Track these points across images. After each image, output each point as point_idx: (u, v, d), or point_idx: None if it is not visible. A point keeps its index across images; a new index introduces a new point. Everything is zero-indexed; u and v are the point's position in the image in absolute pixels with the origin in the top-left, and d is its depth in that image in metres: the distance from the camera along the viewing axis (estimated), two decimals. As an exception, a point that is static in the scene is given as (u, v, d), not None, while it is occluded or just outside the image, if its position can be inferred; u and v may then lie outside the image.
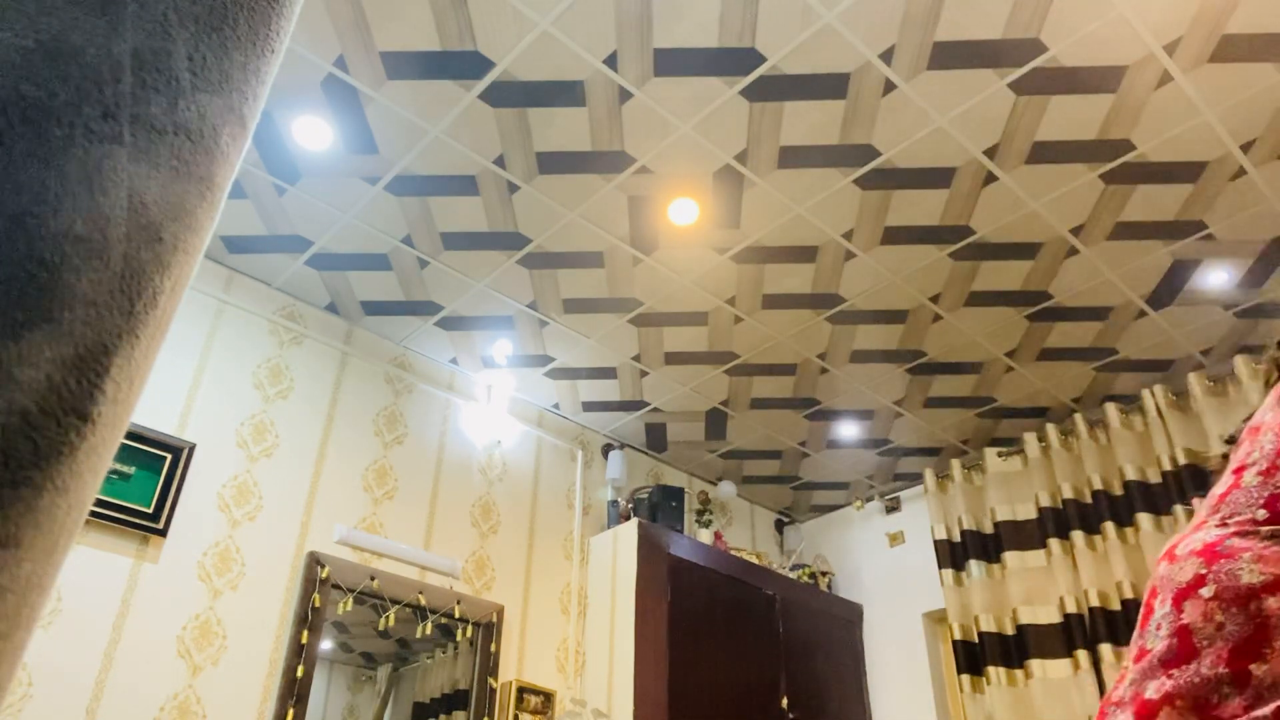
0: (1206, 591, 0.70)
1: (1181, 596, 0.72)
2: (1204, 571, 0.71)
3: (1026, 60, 2.62)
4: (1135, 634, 0.77)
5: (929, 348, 3.88)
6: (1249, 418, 0.87)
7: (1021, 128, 2.83)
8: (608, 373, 4.08)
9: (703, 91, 2.72)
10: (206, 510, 3.10)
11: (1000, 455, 4.44)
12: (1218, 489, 0.81)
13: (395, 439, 3.74)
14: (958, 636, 4.26)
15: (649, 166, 2.99)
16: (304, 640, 3.12)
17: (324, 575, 3.25)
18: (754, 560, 4.53)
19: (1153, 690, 0.69)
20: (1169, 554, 0.77)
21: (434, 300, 3.64)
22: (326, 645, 3.32)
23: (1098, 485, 4.06)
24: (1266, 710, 0.63)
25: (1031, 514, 4.28)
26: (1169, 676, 0.69)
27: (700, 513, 4.69)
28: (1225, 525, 0.75)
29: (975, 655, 4.21)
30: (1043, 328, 3.74)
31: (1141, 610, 0.77)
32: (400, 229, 3.27)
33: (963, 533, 4.43)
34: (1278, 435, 0.78)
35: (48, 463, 0.32)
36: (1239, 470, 0.79)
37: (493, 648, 3.62)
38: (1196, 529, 0.78)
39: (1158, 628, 0.73)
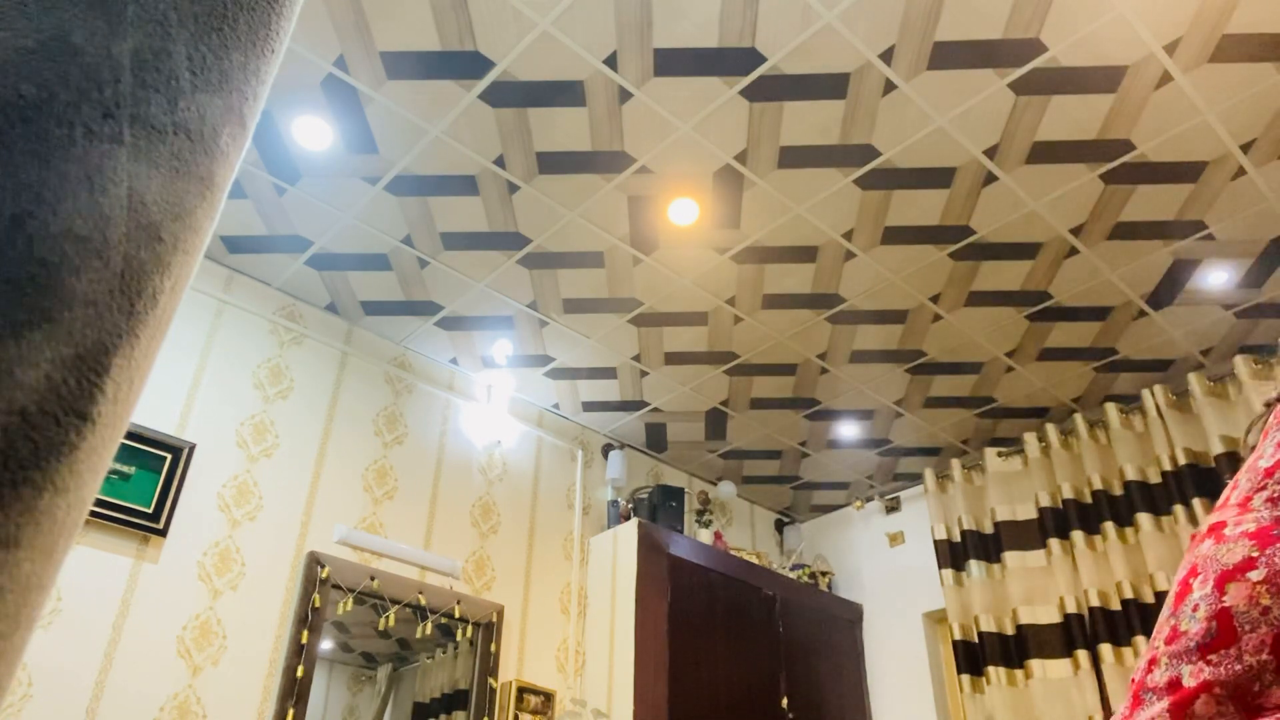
0: (1256, 575, 0.65)
1: (1226, 578, 0.67)
2: (1256, 555, 0.66)
3: (1026, 60, 2.62)
4: (1166, 613, 0.71)
5: (929, 348, 3.88)
6: None
7: (1021, 128, 2.83)
8: (608, 373, 4.08)
9: (703, 91, 2.72)
10: (206, 510, 3.10)
11: (1000, 455, 4.44)
12: (1263, 461, 0.74)
13: (395, 439, 3.74)
14: (958, 636, 4.26)
15: (649, 166, 2.99)
16: (304, 640, 3.12)
17: (324, 575, 3.25)
18: (754, 560, 4.53)
19: (1189, 676, 0.65)
20: (1215, 532, 0.72)
21: (434, 300, 3.64)
22: (326, 645, 3.32)
23: (1098, 485, 4.06)
24: None
25: (1031, 514, 4.28)
26: (1207, 662, 0.65)
27: (700, 513, 4.68)
28: (1278, 505, 0.70)
29: (975, 655, 4.21)
30: (1043, 328, 3.74)
31: (1175, 588, 0.72)
32: (400, 229, 3.27)
33: (963, 533, 4.43)
34: None
35: (48, 463, 0.32)
36: None
37: (493, 648, 3.62)
38: (1244, 507, 0.72)
39: (1194, 609, 0.68)
